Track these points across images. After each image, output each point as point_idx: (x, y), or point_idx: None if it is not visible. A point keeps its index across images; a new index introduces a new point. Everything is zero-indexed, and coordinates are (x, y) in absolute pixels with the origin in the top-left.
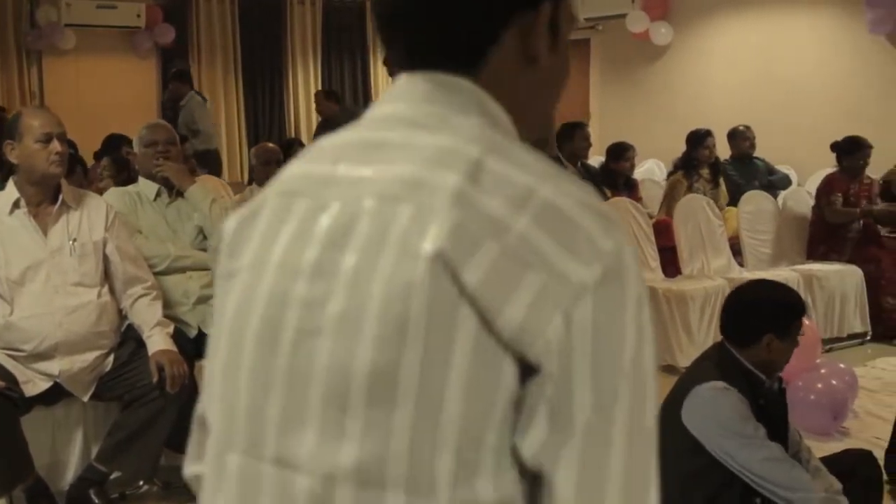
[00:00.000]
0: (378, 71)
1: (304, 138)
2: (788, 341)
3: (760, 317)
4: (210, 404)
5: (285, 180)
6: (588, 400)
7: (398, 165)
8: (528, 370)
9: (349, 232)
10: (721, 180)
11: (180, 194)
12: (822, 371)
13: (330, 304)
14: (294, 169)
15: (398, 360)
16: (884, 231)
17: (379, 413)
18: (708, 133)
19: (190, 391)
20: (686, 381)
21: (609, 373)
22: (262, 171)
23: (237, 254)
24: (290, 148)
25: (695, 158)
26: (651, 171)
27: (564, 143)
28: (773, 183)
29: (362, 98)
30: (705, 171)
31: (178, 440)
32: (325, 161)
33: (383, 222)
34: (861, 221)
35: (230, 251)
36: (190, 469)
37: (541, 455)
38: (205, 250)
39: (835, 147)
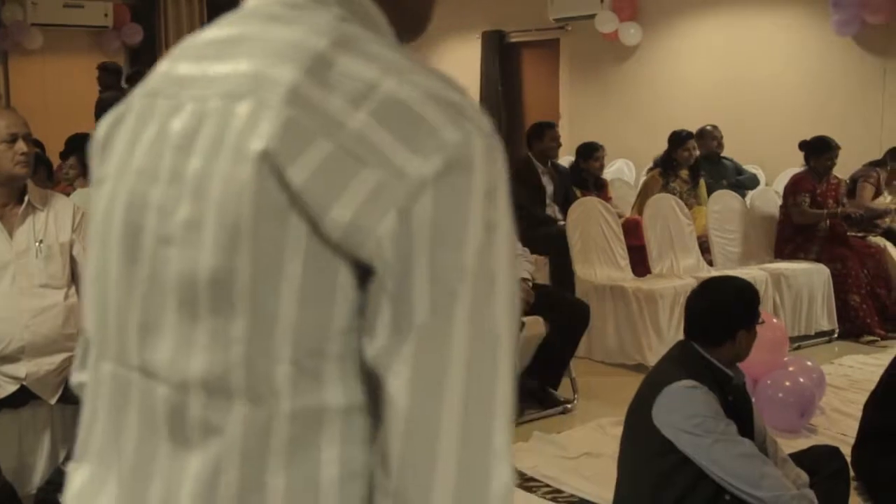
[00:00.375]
0: None
1: None
2: (753, 331)
3: (731, 316)
4: (86, 312)
5: (151, 80)
6: (425, 300)
7: (246, 61)
8: (367, 274)
9: (195, 134)
10: (701, 181)
11: None
12: (790, 369)
13: (178, 211)
14: (161, 67)
15: (232, 267)
16: (850, 231)
17: (221, 322)
18: (689, 135)
19: None
20: (654, 382)
21: (447, 271)
22: None
23: (106, 159)
24: None
25: (674, 159)
26: (621, 170)
27: (534, 143)
28: (742, 182)
29: None
30: (684, 172)
31: None
32: (188, 59)
33: (223, 122)
34: (828, 221)
35: (100, 157)
36: (75, 377)
37: (378, 360)
38: None
39: (803, 146)
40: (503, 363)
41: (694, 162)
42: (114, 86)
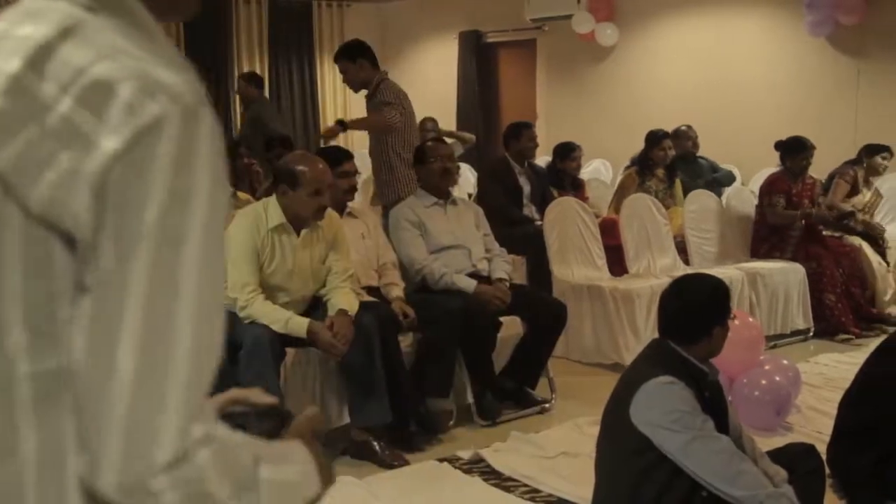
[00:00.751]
0: (325, 69)
1: None
2: (727, 325)
3: (707, 313)
4: None
5: None
6: (108, 263)
7: None
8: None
9: None
10: (677, 181)
11: None
12: (766, 367)
13: None
14: None
15: None
16: (825, 231)
17: None
18: (665, 135)
19: None
20: (631, 380)
21: (129, 232)
22: None
23: None
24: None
25: (650, 158)
26: (597, 170)
27: (511, 143)
28: (718, 180)
29: (309, 95)
30: (660, 172)
31: None
32: None
33: None
34: (803, 221)
35: None
36: None
37: (73, 321)
38: None
39: (779, 146)
40: (184, 324)
41: (670, 161)
42: None
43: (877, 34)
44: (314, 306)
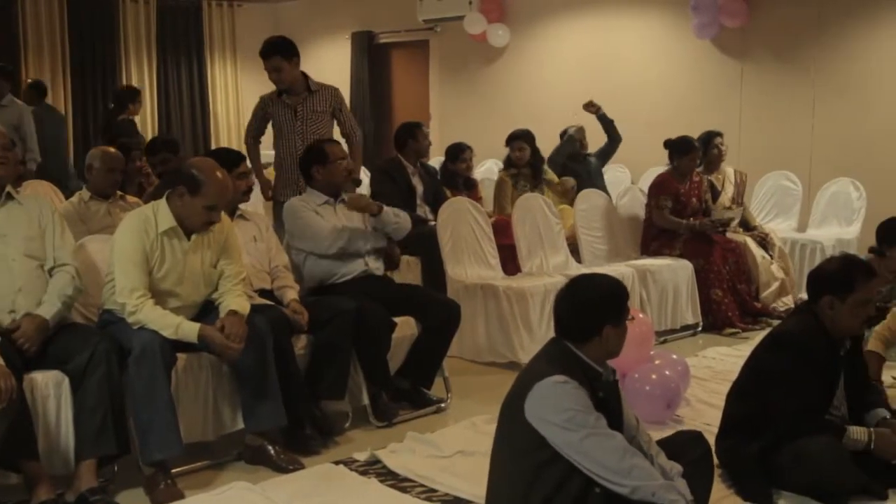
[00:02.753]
0: (216, 70)
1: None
2: (622, 327)
3: (597, 312)
4: None
5: None
6: None
7: None
8: None
9: None
10: (545, 178)
11: (11, 197)
12: (657, 362)
13: None
14: None
15: None
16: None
17: None
18: (518, 135)
19: (19, 407)
20: (526, 378)
21: None
22: (104, 178)
23: None
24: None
25: (510, 157)
26: (491, 170)
27: (408, 142)
28: (605, 152)
29: (199, 97)
30: (527, 170)
31: (5, 458)
32: None
33: None
34: (690, 218)
35: None
36: None
37: None
38: (34, 256)
39: (668, 145)
40: None
41: (531, 160)
42: None
43: (759, 36)
44: (206, 311)
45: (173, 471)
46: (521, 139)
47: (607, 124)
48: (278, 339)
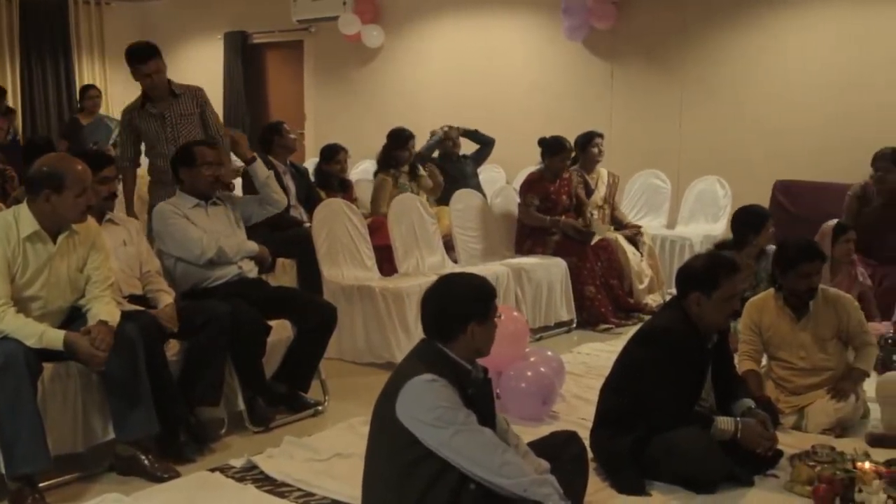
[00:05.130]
0: (84, 69)
1: None
2: (488, 324)
3: (460, 310)
4: None
5: None
6: None
7: None
8: None
9: None
10: (420, 174)
11: None
12: (532, 359)
13: None
14: None
15: None
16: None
17: None
18: (411, 135)
19: None
20: (397, 377)
21: None
22: None
23: None
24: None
25: (394, 157)
26: (367, 171)
27: (275, 140)
28: (481, 155)
29: (66, 97)
30: (405, 169)
31: None
32: None
33: None
34: (563, 216)
35: None
36: None
37: None
38: None
39: (541, 143)
40: None
41: (412, 158)
42: None
43: (628, 38)
44: (72, 317)
45: (41, 485)
46: (411, 138)
47: (472, 135)
48: (149, 345)
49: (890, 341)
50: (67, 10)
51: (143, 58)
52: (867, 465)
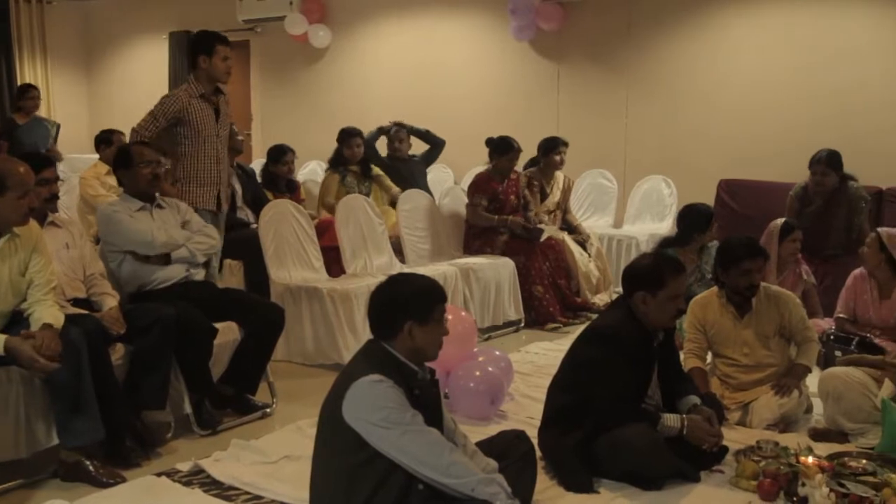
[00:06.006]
0: (25, 69)
1: None
2: (430, 326)
3: (398, 307)
4: None
5: None
6: None
7: None
8: None
9: None
10: (373, 175)
11: None
12: (480, 359)
13: None
14: None
15: None
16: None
17: None
18: (359, 133)
19: None
20: (343, 379)
21: None
22: None
23: None
24: None
25: (343, 155)
26: (314, 171)
27: None
28: (429, 154)
29: (7, 93)
30: (355, 168)
31: None
32: None
33: None
34: (511, 216)
35: None
36: None
37: None
38: None
39: (489, 143)
40: None
41: (363, 158)
42: None
43: (574, 39)
44: (14, 322)
45: None
46: (358, 136)
47: (423, 135)
48: (94, 348)
49: (832, 337)
50: (8, 8)
51: (225, 40)
52: (810, 459)
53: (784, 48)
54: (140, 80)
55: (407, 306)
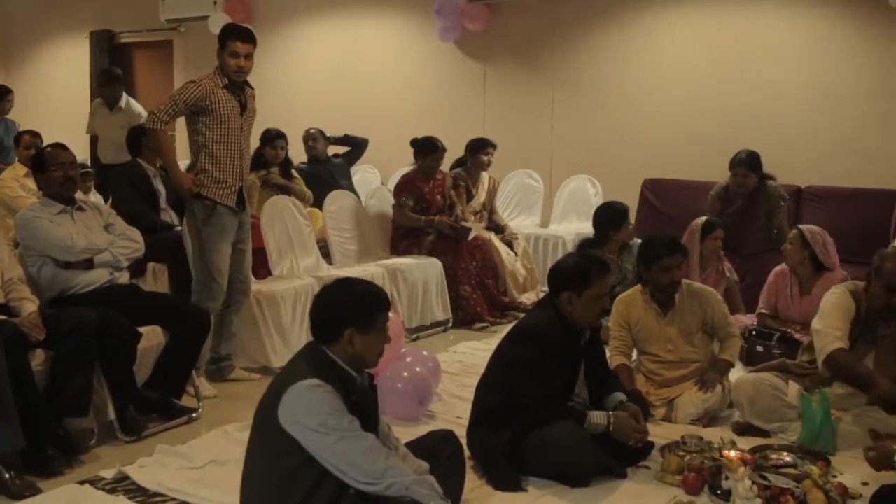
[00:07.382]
0: None
1: None
2: (372, 334)
3: (339, 313)
4: None
5: None
6: None
7: None
8: None
9: None
10: (294, 175)
11: None
12: (408, 360)
13: None
14: None
15: None
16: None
17: None
18: (279, 135)
19: None
20: (281, 381)
21: None
22: None
23: None
24: None
25: (263, 156)
26: None
27: (139, 145)
28: (351, 154)
29: None
30: (276, 170)
31: None
32: None
33: None
34: (437, 216)
35: None
36: None
37: None
38: None
39: (414, 144)
40: None
41: (284, 160)
42: None
43: (500, 40)
44: None
45: None
46: (282, 138)
47: (342, 140)
48: (13, 355)
49: (754, 333)
50: None
51: (247, 35)
52: (733, 453)
53: (706, 50)
54: (61, 79)
55: (349, 314)
